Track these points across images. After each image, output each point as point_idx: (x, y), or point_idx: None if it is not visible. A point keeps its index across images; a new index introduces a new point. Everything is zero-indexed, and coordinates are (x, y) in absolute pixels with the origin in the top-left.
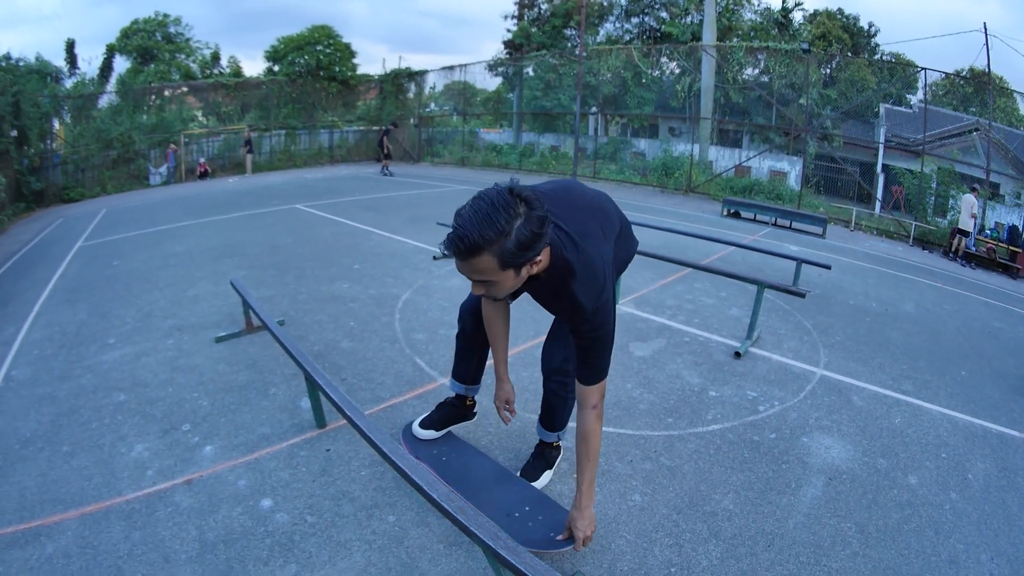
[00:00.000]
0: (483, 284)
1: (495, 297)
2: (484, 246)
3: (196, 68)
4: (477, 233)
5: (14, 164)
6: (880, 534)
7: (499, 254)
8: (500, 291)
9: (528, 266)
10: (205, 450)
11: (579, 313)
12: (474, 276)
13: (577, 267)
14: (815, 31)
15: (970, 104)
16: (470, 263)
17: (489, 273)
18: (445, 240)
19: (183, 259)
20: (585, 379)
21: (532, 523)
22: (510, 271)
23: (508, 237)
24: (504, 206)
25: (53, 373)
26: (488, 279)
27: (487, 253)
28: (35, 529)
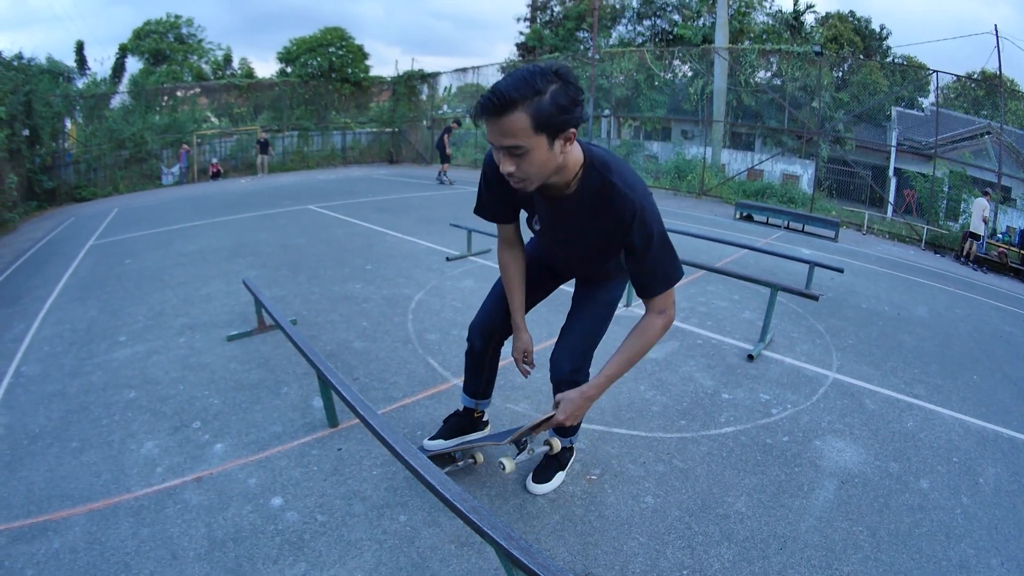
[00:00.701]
0: (513, 157)
1: (525, 183)
2: (518, 100)
3: (208, 69)
4: (512, 88)
5: (26, 163)
6: (891, 538)
7: (534, 112)
8: (531, 167)
9: (562, 143)
10: (215, 448)
11: (628, 212)
12: (505, 140)
13: (613, 163)
14: (827, 34)
15: (982, 107)
16: (502, 123)
17: (521, 136)
18: (479, 99)
19: (195, 258)
20: (651, 292)
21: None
22: (543, 138)
23: (543, 96)
24: (540, 72)
25: (63, 370)
26: (519, 143)
27: (521, 110)
28: (42, 524)
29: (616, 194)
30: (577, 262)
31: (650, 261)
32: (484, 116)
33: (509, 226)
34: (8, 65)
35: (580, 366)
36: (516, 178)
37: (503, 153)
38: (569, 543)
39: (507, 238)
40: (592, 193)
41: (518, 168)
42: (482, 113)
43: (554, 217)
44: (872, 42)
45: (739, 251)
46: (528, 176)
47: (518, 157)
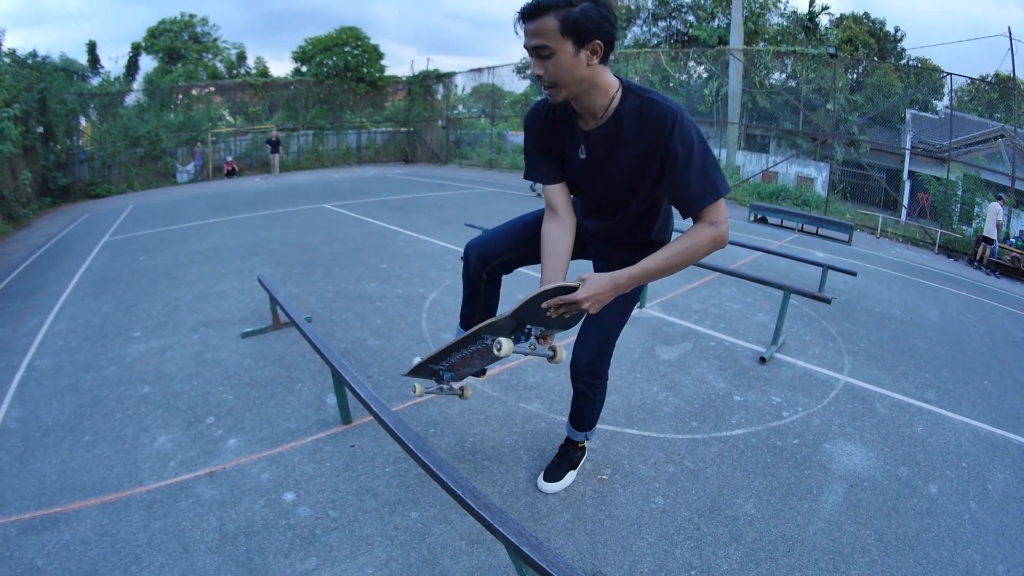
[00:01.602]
0: (542, 60)
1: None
2: (549, 7)
3: (223, 68)
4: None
5: (40, 160)
6: (899, 542)
7: (563, 17)
8: (558, 69)
9: (588, 53)
10: (229, 443)
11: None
12: (534, 41)
13: (649, 88)
14: (842, 35)
15: (995, 110)
16: (533, 25)
17: (548, 37)
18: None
19: (209, 256)
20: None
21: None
22: (569, 43)
23: (574, 7)
24: None
25: (77, 364)
26: (546, 43)
27: (551, 15)
28: (53, 516)
29: (654, 107)
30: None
31: (694, 171)
32: (519, 22)
33: (558, 186)
34: (22, 63)
35: (598, 358)
36: (545, 82)
37: (534, 56)
38: (579, 542)
39: (555, 203)
40: (631, 111)
41: (546, 71)
42: (518, 19)
43: (594, 143)
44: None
45: (753, 253)
46: (556, 80)
47: (546, 59)
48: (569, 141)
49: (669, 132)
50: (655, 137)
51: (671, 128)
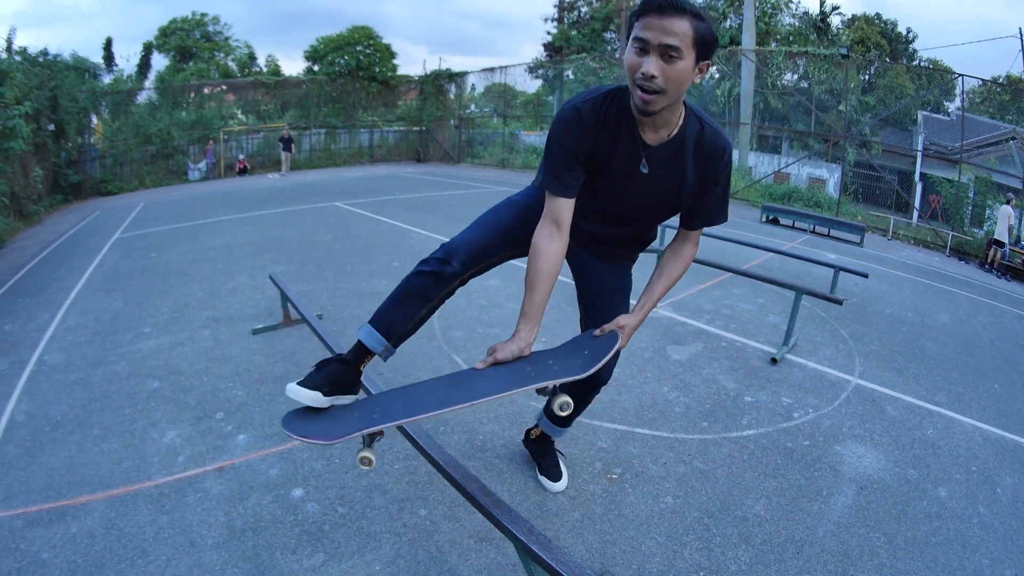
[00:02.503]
0: (664, 61)
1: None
2: (688, 11)
3: (235, 67)
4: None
5: (51, 157)
6: (908, 545)
7: (696, 27)
8: (674, 76)
9: (699, 71)
10: (238, 439)
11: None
12: (667, 38)
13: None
14: (854, 36)
15: (1007, 112)
16: (670, 21)
17: (682, 40)
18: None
19: (221, 253)
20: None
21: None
22: (693, 56)
23: (704, 21)
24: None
25: (87, 359)
26: (679, 45)
27: (688, 18)
28: (60, 509)
29: (716, 138)
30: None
31: (715, 199)
32: (651, 11)
33: (569, 201)
34: (34, 61)
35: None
36: (655, 86)
37: (656, 53)
38: (588, 541)
39: (561, 218)
40: (693, 135)
41: (663, 73)
42: (655, 10)
43: (657, 158)
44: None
45: (765, 254)
46: (667, 86)
47: (668, 61)
48: (624, 151)
49: (723, 166)
50: (710, 167)
51: (726, 162)
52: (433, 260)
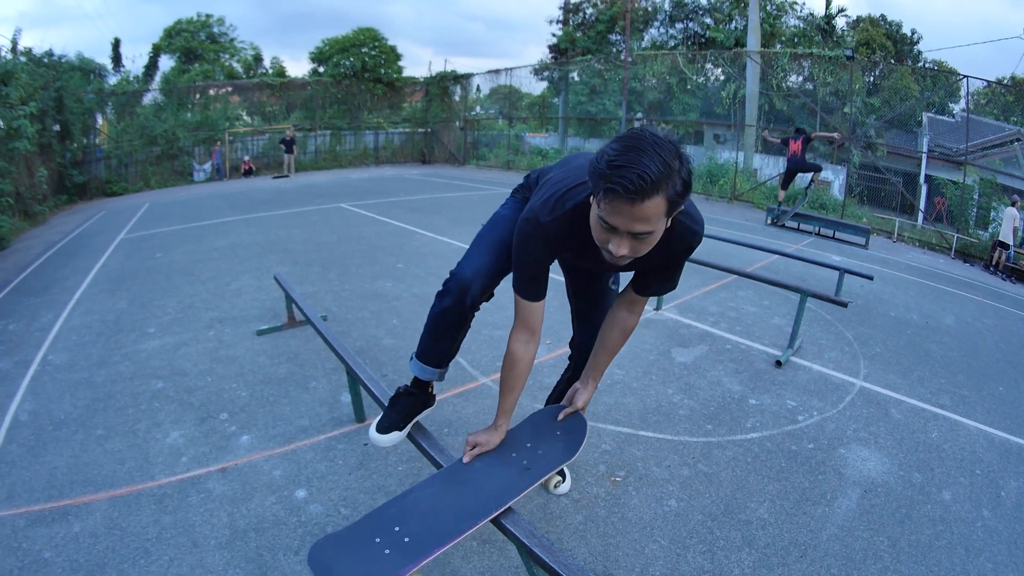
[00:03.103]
0: (635, 241)
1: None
2: (661, 184)
3: (240, 68)
4: (656, 169)
5: (56, 157)
6: (912, 549)
7: (670, 195)
8: (646, 247)
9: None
10: (242, 439)
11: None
12: (639, 227)
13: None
14: (859, 38)
15: (1012, 113)
16: (640, 208)
17: (655, 221)
18: (612, 178)
19: (226, 253)
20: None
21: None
22: (666, 220)
23: (676, 176)
24: (666, 145)
25: (91, 359)
26: (653, 229)
27: (661, 194)
28: (63, 508)
29: (684, 232)
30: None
31: (672, 276)
32: (618, 198)
33: (541, 304)
34: (38, 62)
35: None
36: (626, 259)
37: (625, 237)
38: (591, 543)
39: (533, 322)
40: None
41: (633, 250)
42: (624, 197)
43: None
44: (904, 47)
45: (770, 256)
46: (637, 255)
47: (640, 240)
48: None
49: (685, 251)
50: (678, 254)
51: (690, 249)
52: (453, 294)
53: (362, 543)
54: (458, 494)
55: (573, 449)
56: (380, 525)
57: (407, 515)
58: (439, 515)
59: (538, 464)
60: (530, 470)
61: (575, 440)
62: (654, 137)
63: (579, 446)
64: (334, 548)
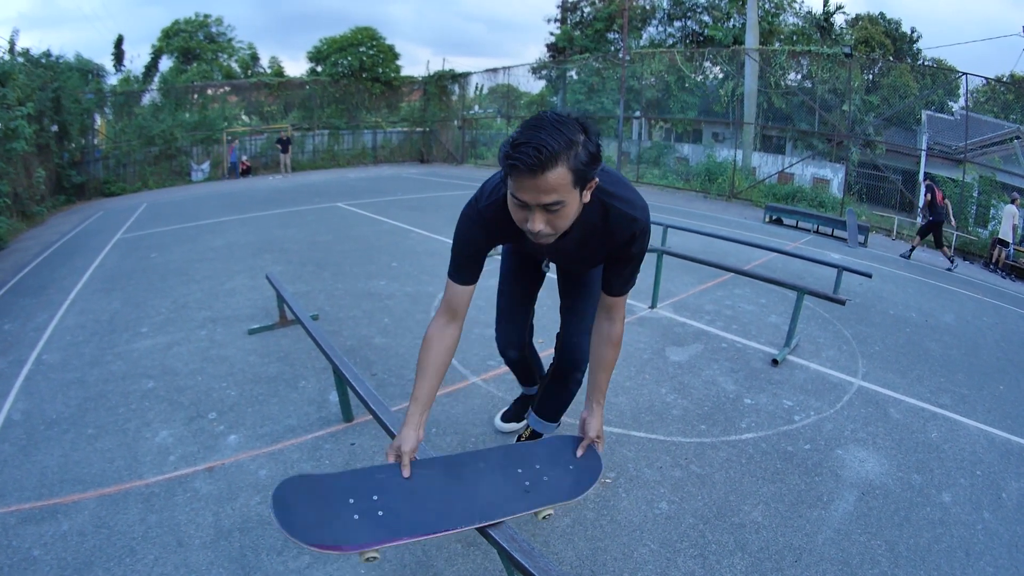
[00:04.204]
0: (548, 215)
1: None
2: (560, 155)
3: (238, 68)
4: (554, 142)
5: (54, 158)
6: (910, 553)
7: (573, 167)
8: (563, 221)
9: (587, 191)
10: (229, 439)
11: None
12: (546, 198)
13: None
14: (858, 35)
15: (1011, 111)
16: (543, 179)
17: (562, 191)
18: (512, 155)
19: (221, 253)
20: (619, 291)
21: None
22: (577, 192)
23: (578, 147)
24: (567, 122)
25: (84, 359)
26: (560, 199)
27: (562, 165)
28: (52, 507)
29: (621, 218)
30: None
31: (630, 269)
32: (521, 173)
33: (469, 288)
34: (36, 63)
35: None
36: (544, 235)
37: (537, 211)
38: (578, 547)
39: (458, 307)
40: (596, 219)
41: (550, 224)
42: (525, 171)
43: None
44: (903, 44)
45: (768, 254)
46: (557, 231)
47: (553, 213)
48: (529, 245)
49: (631, 243)
50: (621, 244)
51: (639, 240)
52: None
53: (334, 498)
54: (449, 490)
55: (580, 489)
56: (359, 486)
57: (390, 488)
58: (423, 503)
59: (540, 491)
60: (529, 494)
61: (585, 480)
62: (555, 115)
63: (587, 488)
64: (304, 491)
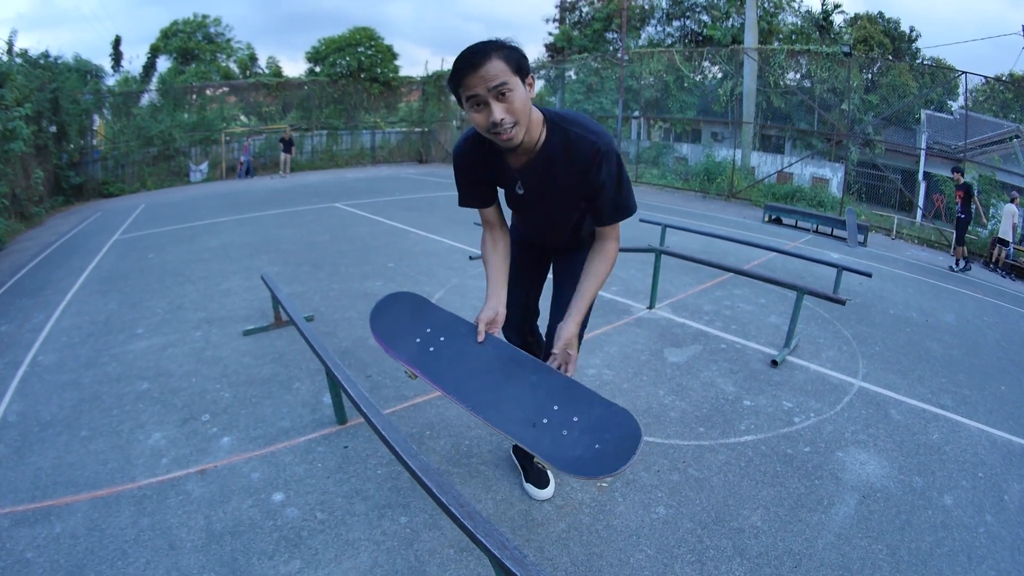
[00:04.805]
0: (502, 100)
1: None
2: (492, 49)
3: (236, 69)
4: (482, 43)
5: (53, 159)
6: (912, 558)
7: (507, 57)
8: (517, 105)
9: (530, 87)
10: (222, 441)
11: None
12: (492, 81)
13: (570, 115)
14: (857, 35)
15: (1011, 110)
16: (484, 69)
17: (503, 75)
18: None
19: (217, 254)
20: (607, 221)
21: (567, 429)
22: (518, 78)
23: (507, 47)
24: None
25: (79, 360)
26: (506, 79)
27: (496, 56)
28: (46, 509)
29: (581, 142)
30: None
31: (613, 197)
32: (465, 72)
33: (492, 208)
34: (34, 63)
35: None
36: (507, 123)
37: (492, 101)
38: (573, 553)
39: (491, 220)
40: (558, 145)
41: (508, 111)
42: (464, 68)
43: (530, 178)
44: (902, 44)
45: (767, 254)
46: (517, 117)
47: (505, 99)
48: (503, 176)
49: (597, 166)
50: (583, 170)
51: (598, 163)
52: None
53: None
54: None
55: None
56: (438, 323)
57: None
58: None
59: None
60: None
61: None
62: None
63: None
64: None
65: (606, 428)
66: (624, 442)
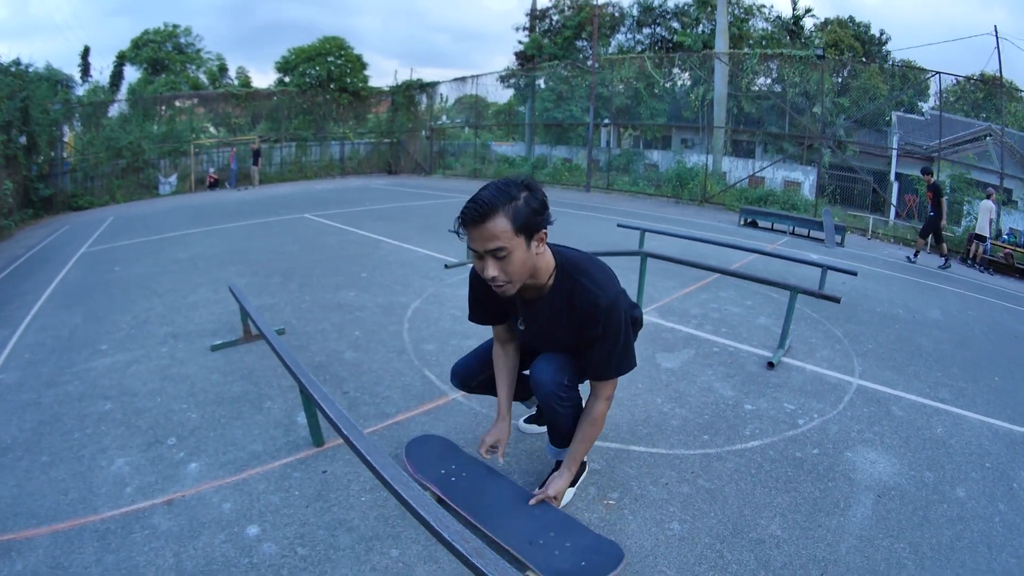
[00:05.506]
0: (497, 261)
1: (508, 286)
2: (498, 206)
3: (205, 79)
4: (490, 197)
5: (22, 170)
6: (934, 553)
7: (512, 215)
8: (513, 267)
9: (537, 244)
10: (190, 467)
11: (596, 309)
12: (490, 244)
13: (583, 263)
14: (827, 39)
15: (982, 110)
16: (485, 228)
17: (504, 238)
18: (459, 216)
19: (185, 266)
20: (600, 375)
21: (559, 551)
22: (522, 239)
23: (518, 201)
24: (510, 182)
25: (40, 379)
26: (503, 244)
27: (501, 214)
28: (6, 543)
29: (586, 294)
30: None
31: (603, 353)
32: (468, 225)
33: (501, 327)
34: (5, 71)
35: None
36: (500, 281)
37: (488, 258)
38: None
39: (500, 336)
40: (564, 294)
41: (501, 271)
42: (467, 222)
43: (532, 318)
44: (872, 47)
45: (747, 256)
46: (511, 277)
47: (502, 260)
48: (510, 307)
49: (594, 320)
50: (586, 324)
51: (597, 318)
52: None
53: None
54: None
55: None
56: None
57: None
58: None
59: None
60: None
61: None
62: (503, 178)
63: None
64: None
65: (593, 552)
66: (608, 561)
